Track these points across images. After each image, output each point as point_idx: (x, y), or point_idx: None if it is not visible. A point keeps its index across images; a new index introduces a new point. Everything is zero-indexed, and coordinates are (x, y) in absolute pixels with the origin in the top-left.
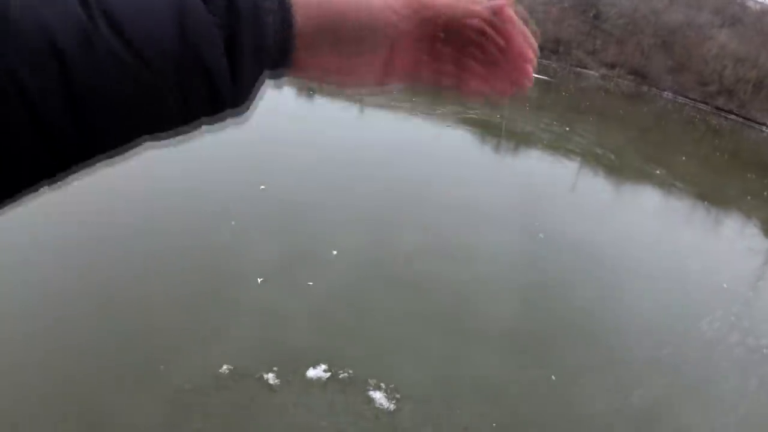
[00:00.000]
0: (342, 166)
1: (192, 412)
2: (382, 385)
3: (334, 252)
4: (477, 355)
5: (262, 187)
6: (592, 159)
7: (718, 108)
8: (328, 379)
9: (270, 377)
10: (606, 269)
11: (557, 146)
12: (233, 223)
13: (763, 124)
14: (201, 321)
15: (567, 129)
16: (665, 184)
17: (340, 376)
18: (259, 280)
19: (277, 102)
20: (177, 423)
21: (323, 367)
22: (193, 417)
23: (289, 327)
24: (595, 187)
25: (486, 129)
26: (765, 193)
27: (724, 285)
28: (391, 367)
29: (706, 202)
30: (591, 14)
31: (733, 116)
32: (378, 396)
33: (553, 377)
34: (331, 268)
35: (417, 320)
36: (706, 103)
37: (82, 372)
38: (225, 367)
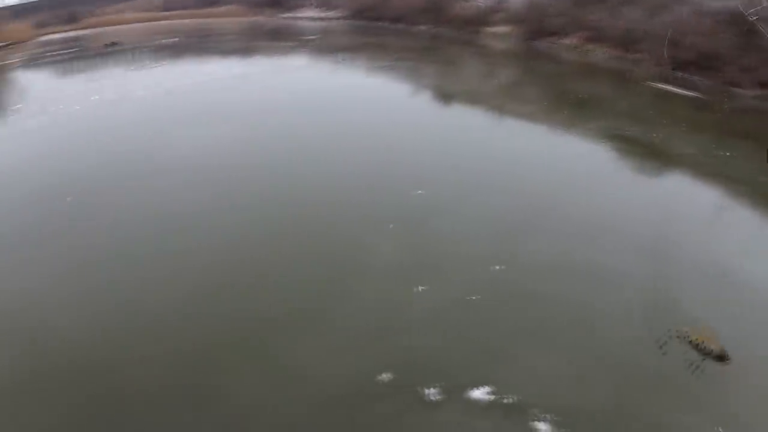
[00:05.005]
0: (478, 171)
1: (346, 418)
2: (548, 416)
3: (498, 267)
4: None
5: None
6: (761, 189)
7: None
8: (491, 402)
9: (431, 392)
10: None
11: (719, 172)
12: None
13: None
14: (362, 323)
15: (727, 154)
16: None
17: (504, 401)
18: (420, 288)
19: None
20: (329, 427)
21: (487, 389)
22: (346, 424)
23: (455, 340)
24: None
25: (638, 147)
26: None
27: None
28: (557, 394)
29: None
30: (745, 29)
31: None
32: (543, 428)
33: None
34: (497, 284)
35: (584, 350)
36: None
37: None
38: (384, 375)
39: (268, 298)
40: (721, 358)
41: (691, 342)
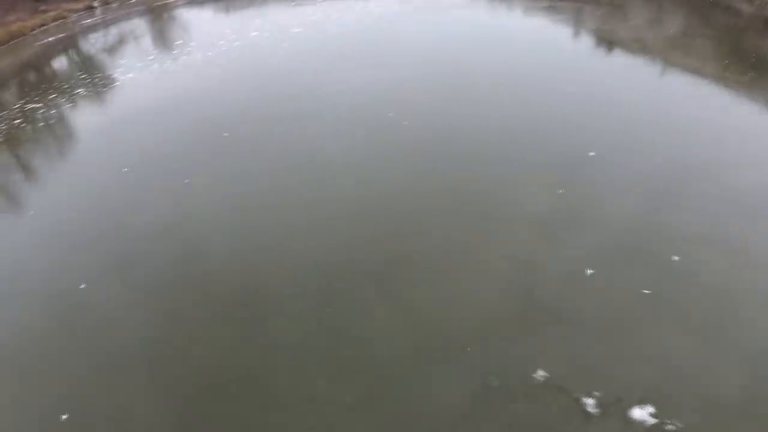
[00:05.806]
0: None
1: (493, 411)
2: None
3: (675, 257)
4: None
5: None
6: None
7: None
8: (652, 426)
9: (588, 402)
10: None
11: None
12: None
13: None
14: (523, 317)
15: None
16: None
17: (667, 428)
18: (588, 271)
19: None
20: (475, 419)
21: (650, 410)
22: (492, 417)
23: (623, 343)
24: None
25: None
26: None
27: None
28: (729, 429)
29: None
30: None
31: None
32: None
33: None
34: (673, 279)
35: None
36: None
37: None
38: (540, 372)
39: (412, 258)
40: None
41: None
